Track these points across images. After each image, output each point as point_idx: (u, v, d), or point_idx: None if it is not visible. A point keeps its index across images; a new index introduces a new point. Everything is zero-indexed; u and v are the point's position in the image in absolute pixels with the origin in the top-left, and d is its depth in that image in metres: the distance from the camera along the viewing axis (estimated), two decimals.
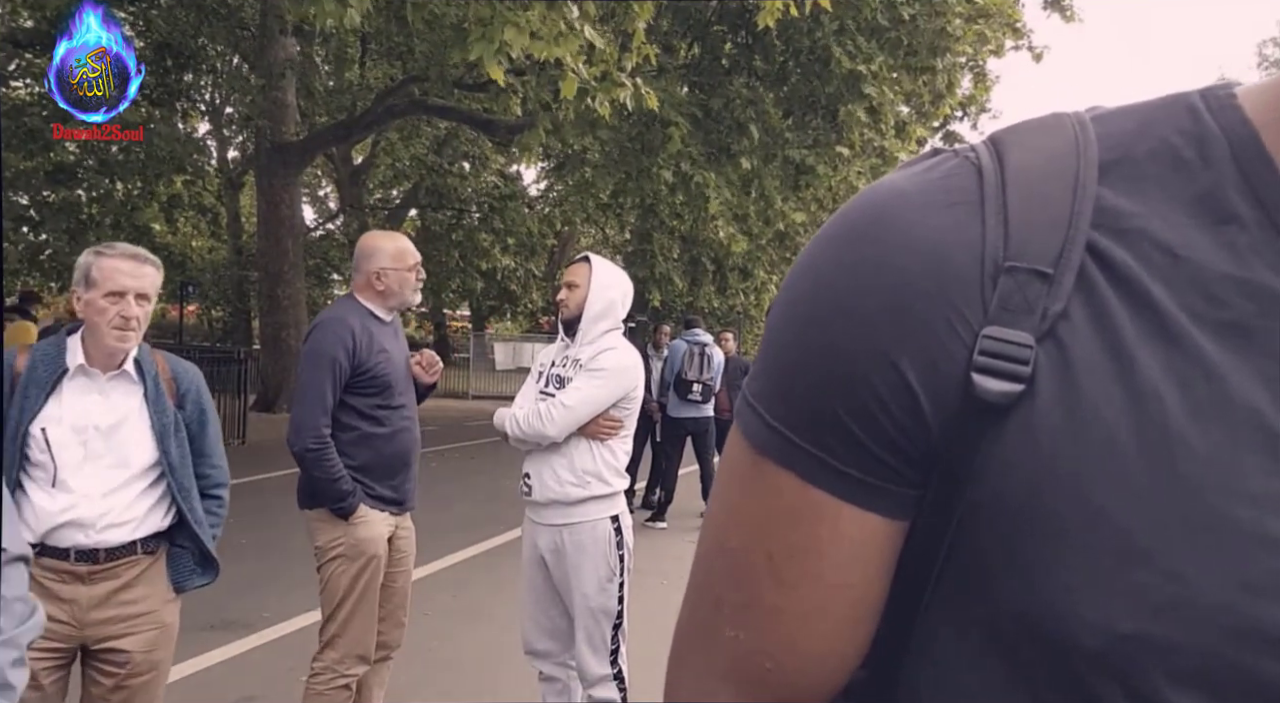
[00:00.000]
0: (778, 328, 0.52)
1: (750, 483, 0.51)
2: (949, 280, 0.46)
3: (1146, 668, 0.42)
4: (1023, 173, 0.48)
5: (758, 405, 0.51)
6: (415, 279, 2.93)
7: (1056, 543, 0.43)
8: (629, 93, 7.99)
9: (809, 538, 0.49)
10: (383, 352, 2.83)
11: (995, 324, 0.45)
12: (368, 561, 2.78)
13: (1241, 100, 0.48)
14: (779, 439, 0.49)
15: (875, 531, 0.49)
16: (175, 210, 17.74)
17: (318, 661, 2.80)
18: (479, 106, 14.34)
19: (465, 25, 7.00)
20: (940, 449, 0.46)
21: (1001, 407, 0.44)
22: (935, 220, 0.47)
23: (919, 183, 0.50)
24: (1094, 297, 0.45)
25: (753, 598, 0.51)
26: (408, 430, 2.91)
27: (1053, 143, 0.49)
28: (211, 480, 2.38)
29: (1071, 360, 0.44)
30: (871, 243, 0.48)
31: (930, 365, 0.46)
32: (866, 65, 11.09)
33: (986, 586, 0.46)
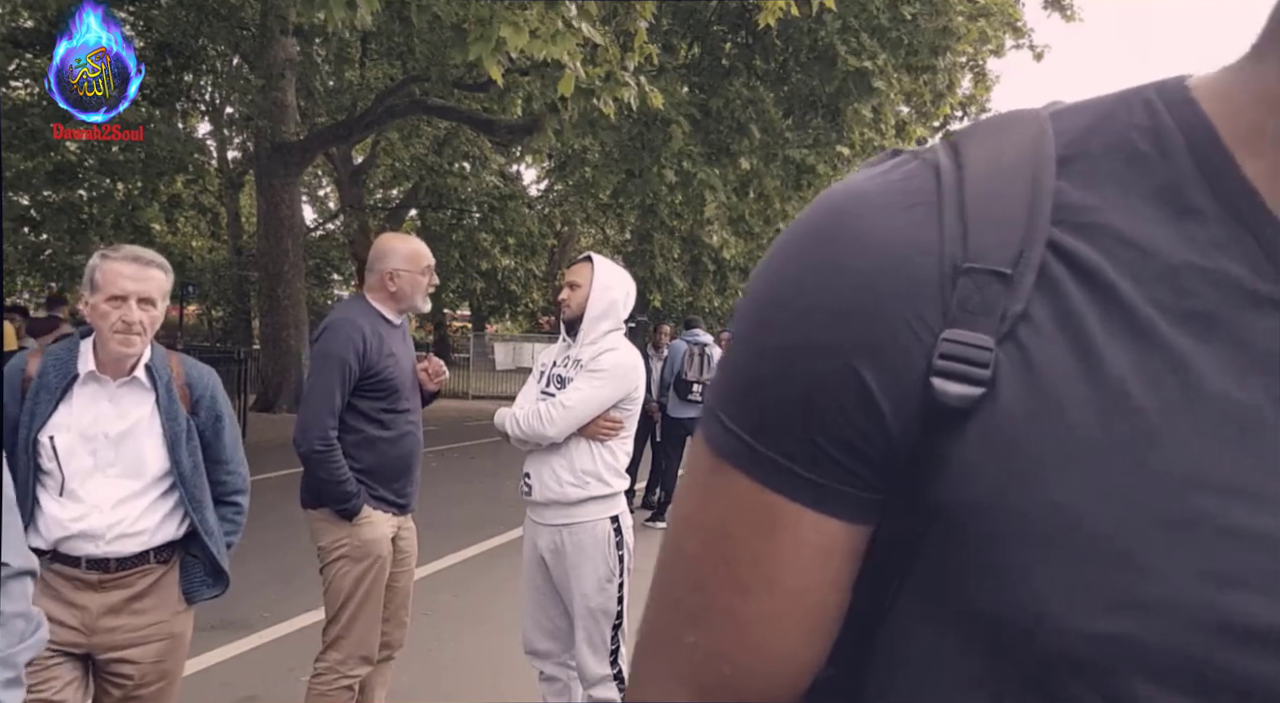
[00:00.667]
0: (739, 332, 0.51)
1: (709, 488, 0.51)
2: (908, 283, 0.45)
3: (1122, 667, 0.42)
4: (980, 172, 0.47)
5: (718, 410, 0.51)
6: (427, 284, 2.93)
7: (1026, 544, 0.43)
8: (633, 92, 7.99)
9: (768, 543, 0.49)
10: (391, 355, 2.83)
11: (955, 327, 0.45)
12: (372, 561, 2.78)
13: (1195, 93, 0.48)
14: (738, 444, 0.49)
15: (835, 535, 0.48)
16: (175, 210, 17.73)
17: (321, 661, 2.79)
18: (479, 106, 14.35)
19: (465, 25, 6.99)
20: (901, 453, 0.46)
21: (962, 410, 0.44)
22: (893, 222, 0.47)
23: (878, 184, 0.49)
24: (1057, 294, 0.44)
25: (711, 603, 0.51)
26: (412, 435, 2.91)
27: (1010, 141, 0.49)
28: (229, 487, 2.32)
29: (1034, 361, 0.44)
30: (830, 245, 0.48)
31: (890, 369, 0.45)
32: (872, 61, 11.08)
33: (959, 587, 0.46)
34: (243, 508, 2.37)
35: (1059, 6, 14.08)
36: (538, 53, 6.54)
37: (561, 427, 2.70)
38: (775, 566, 0.49)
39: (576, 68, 6.98)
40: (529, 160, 17.36)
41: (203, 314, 27.16)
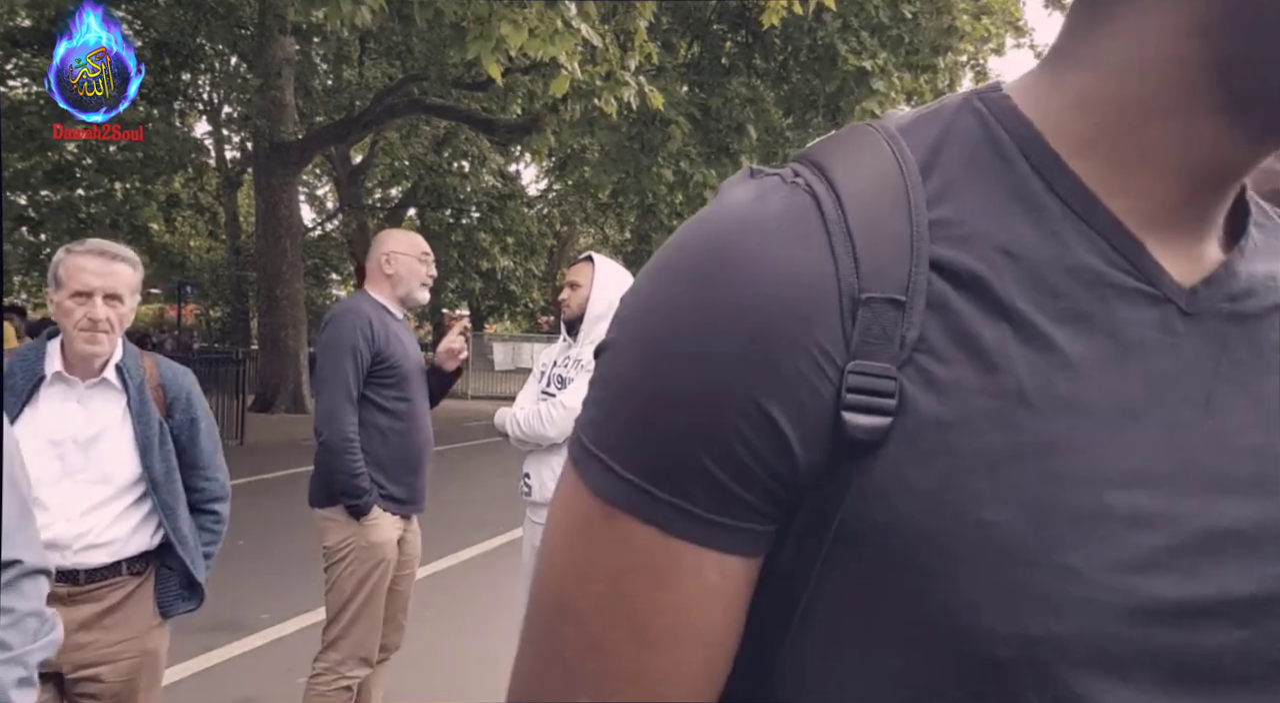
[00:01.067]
0: (623, 371, 0.48)
1: (601, 538, 0.48)
2: (809, 317, 0.45)
3: (1056, 664, 0.43)
4: (858, 198, 0.47)
5: (604, 456, 0.47)
6: (425, 272, 2.94)
7: (948, 558, 0.43)
8: (633, 92, 7.99)
9: (671, 592, 0.47)
10: (400, 343, 2.84)
11: (858, 358, 0.44)
12: (377, 564, 2.77)
13: (1015, 100, 0.49)
14: (633, 491, 0.46)
15: (735, 572, 0.47)
16: (174, 210, 17.73)
17: (320, 661, 2.79)
18: (478, 106, 14.35)
19: (464, 24, 6.99)
20: (808, 485, 0.45)
21: (873, 441, 0.44)
22: (786, 254, 0.45)
23: (759, 213, 0.47)
24: (948, 312, 0.45)
25: (610, 662, 0.48)
26: (423, 428, 2.91)
27: (875, 162, 0.48)
28: (206, 494, 2.20)
29: (934, 381, 0.44)
30: (723, 281, 0.46)
31: (796, 405, 0.44)
32: (873, 61, 11.09)
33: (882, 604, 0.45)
34: (222, 517, 2.26)
35: (1060, 5, 14.09)
36: (536, 52, 6.54)
37: (562, 427, 2.70)
38: (679, 614, 0.47)
39: (573, 68, 6.98)
40: (528, 160, 17.37)
41: (201, 314, 27.16)
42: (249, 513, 7.43)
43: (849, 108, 11.55)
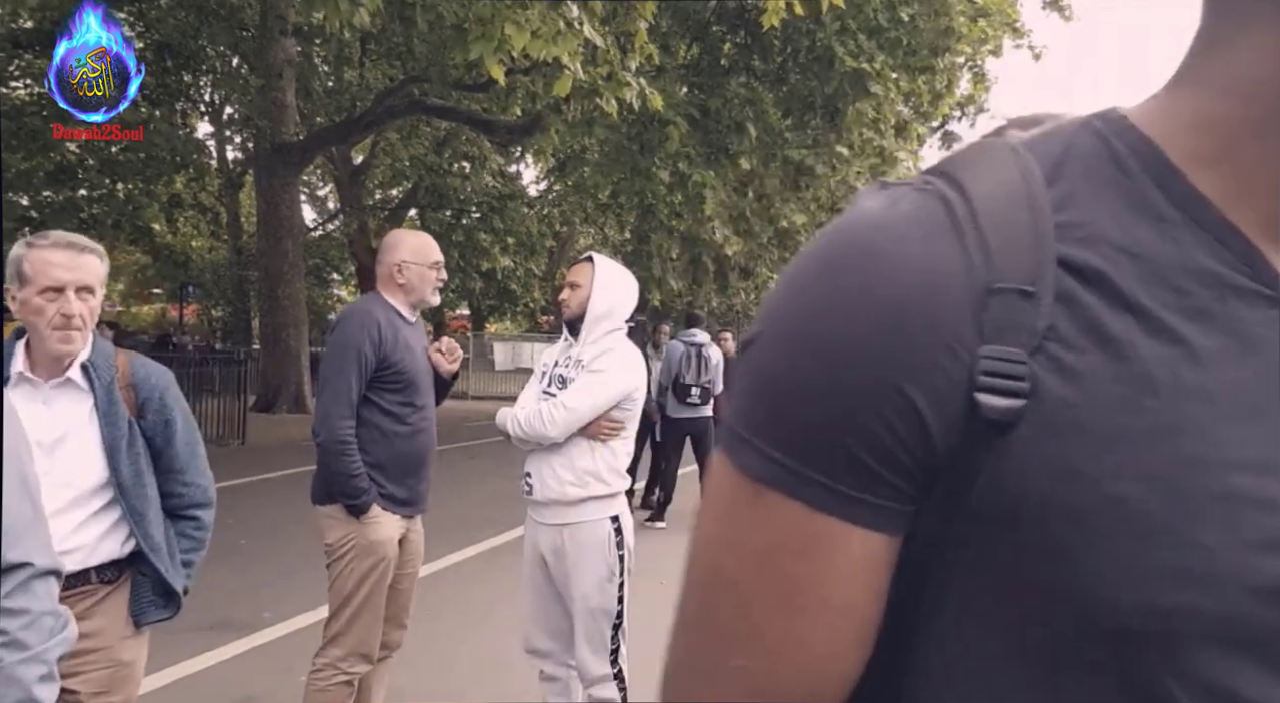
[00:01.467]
0: (771, 362, 0.53)
1: (753, 515, 0.52)
2: (943, 307, 0.49)
3: (1185, 636, 0.46)
4: (986, 200, 0.51)
5: (753, 438, 0.52)
6: (436, 278, 2.94)
7: (1083, 533, 0.47)
8: (634, 93, 8.00)
9: (819, 565, 0.51)
10: (408, 349, 2.84)
11: (991, 344, 0.48)
12: (377, 561, 2.78)
13: (1133, 121, 0.54)
14: (783, 470, 0.51)
15: (879, 549, 0.51)
16: (176, 211, 17.74)
17: (320, 657, 2.80)
18: (478, 107, 14.35)
19: (466, 25, 7.00)
20: (946, 465, 0.49)
21: (1006, 421, 0.47)
22: (920, 250, 0.50)
23: (891, 217, 0.52)
24: (1075, 305, 0.49)
25: (762, 627, 0.53)
26: (426, 432, 2.91)
27: (1001, 171, 0.53)
28: (185, 500, 2.09)
29: (1066, 367, 0.48)
30: (862, 276, 0.50)
31: (935, 390, 0.48)
32: (870, 64, 11.09)
33: (1019, 580, 0.49)
34: (203, 523, 2.14)
35: (1057, 7, 14.10)
36: (539, 53, 6.54)
37: (563, 427, 2.71)
38: (826, 585, 0.51)
39: (576, 68, 6.98)
40: (529, 161, 17.37)
41: (202, 314, 27.17)
42: (250, 513, 7.44)
43: (846, 109, 11.56)
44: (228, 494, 8.88)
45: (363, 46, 15.65)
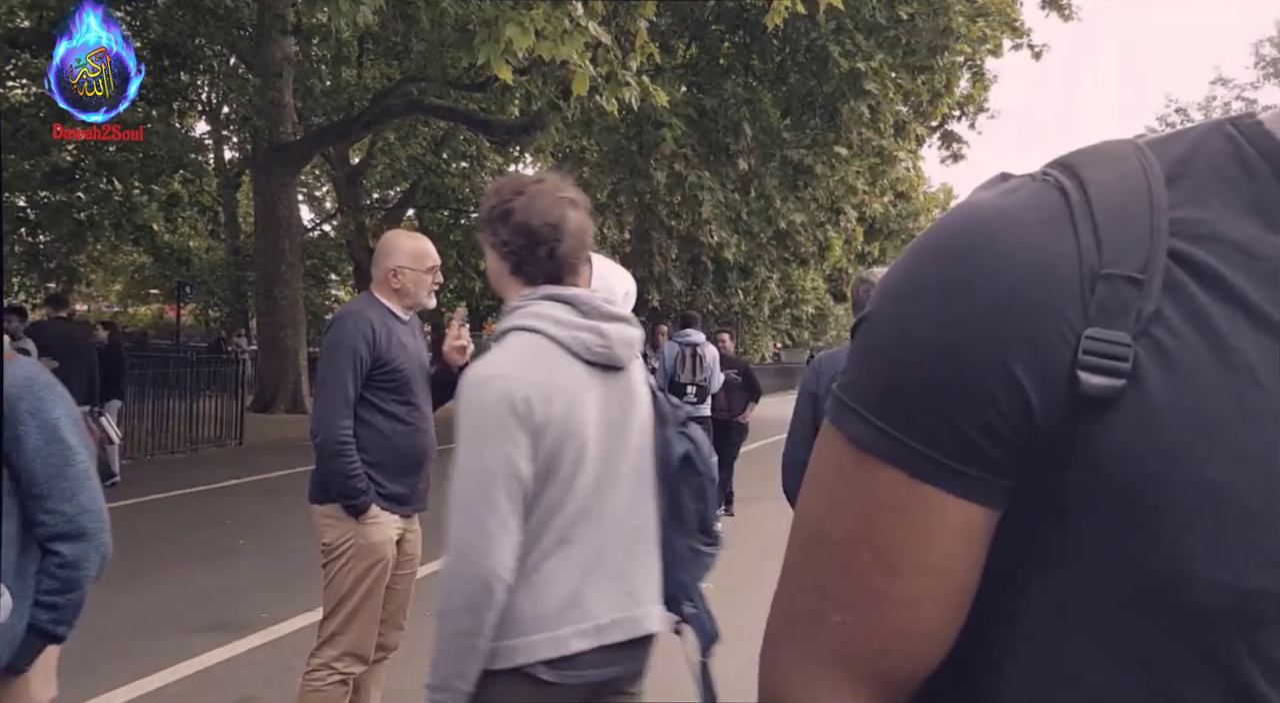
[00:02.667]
0: (882, 336, 0.56)
1: (855, 480, 0.56)
2: (1053, 289, 0.51)
3: (1268, 618, 0.48)
4: (1103, 192, 0.54)
5: (859, 407, 0.56)
6: (431, 282, 2.94)
7: (1177, 513, 0.49)
8: (635, 92, 7.99)
9: (916, 530, 0.54)
10: (401, 346, 2.84)
11: (1095, 326, 0.51)
12: (375, 562, 2.78)
13: (1269, 126, 0.55)
14: (887, 439, 0.54)
15: (977, 520, 0.54)
16: (174, 210, 17.72)
17: (315, 657, 2.79)
18: (476, 106, 14.34)
19: (470, 26, 6.99)
20: (1045, 441, 0.52)
21: (1106, 400, 0.50)
22: (1034, 235, 0.53)
23: (1009, 203, 0.55)
24: (1182, 295, 0.51)
25: (860, 586, 0.56)
26: (424, 430, 2.91)
27: (1122, 166, 0.55)
28: (45, 531, 1.75)
29: (1168, 352, 0.50)
30: (978, 257, 0.53)
31: (1040, 367, 0.51)
32: (866, 63, 11.09)
33: (1102, 557, 0.51)
34: (67, 560, 1.77)
35: (1056, 6, 14.09)
36: (546, 53, 6.54)
37: None
38: (923, 550, 0.54)
39: (587, 65, 6.98)
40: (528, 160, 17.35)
41: (200, 314, 27.13)
42: (248, 513, 7.44)
43: (843, 109, 11.55)
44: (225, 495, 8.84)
45: (361, 46, 15.64)
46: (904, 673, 0.57)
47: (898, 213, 22.29)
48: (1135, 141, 0.57)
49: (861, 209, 16.79)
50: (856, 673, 0.57)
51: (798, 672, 0.58)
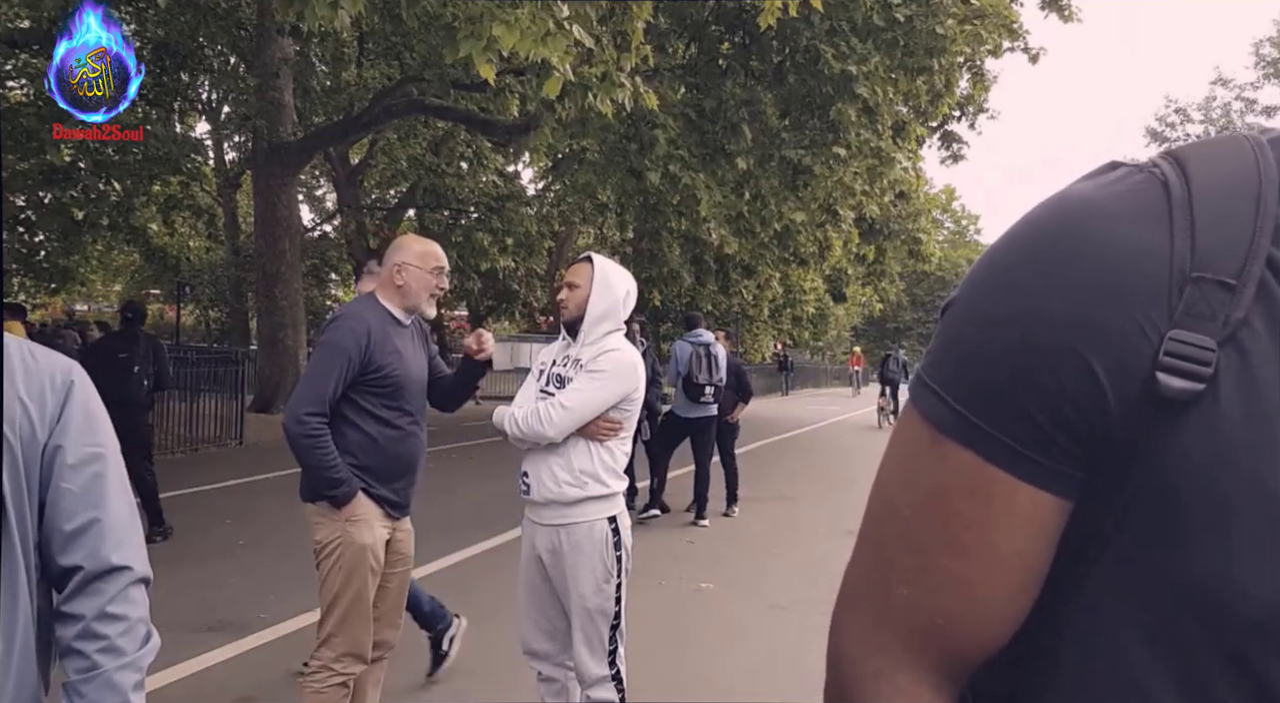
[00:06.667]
0: (965, 320, 0.57)
1: (928, 458, 0.57)
2: (1139, 286, 0.51)
3: None
4: (1208, 190, 0.52)
5: (939, 390, 0.56)
6: (435, 284, 2.94)
7: (1227, 523, 0.49)
8: (629, 93, 7.99)
9: (985, 511, 0.55)
10: (395, 353, 2.83)
11: (1180, 328, 0.50)
12: (363, 561, 2.78)
13: None
14: (962, 421, 0.55)
15: (1046, 507, 0.54)
16: (172, 211, 17.71)
17: (314, 658, 2.80)
18: (476, 106, 14.34)
19: (456, 24, 6.99)
20: (1116, 438, 0.52)
21: (1182, 402, 0.49)
22: (1126, 231, 0.52)
23: (1107, 194, 0.54)
24: (1274, 306, 0.50)
25: (927, 561, 0.57)
26: (416, 437, 2.91)
27: (1234, 163, 0.54)
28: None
29: (1251, 363, 0.49)
30: (1065, 249, 0.53)
31: (1118, 363, 0.51)
32: (859, 66, 11.08)
33: (1155, 560, 0.51)
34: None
35: (1056, 7, 14.07)
36: (527, 52, 6.53)
37: (560, 427, 2.70)
38: (991, 531, 0.55)
39: (565, 69, 6.97)
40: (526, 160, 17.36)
41: (200, 315, 27.12)
42: (247, 513, 7.43)
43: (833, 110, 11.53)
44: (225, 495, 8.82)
45: (360, 46, 15.63)
46: (963, 651, 0.58)
47: (898, 213, 22.26)
48: (1257, 137, 0.55)
49: (860, 209, 16.78)
50: (917, 645, 0.58)
51: (861, 638, 0.60)
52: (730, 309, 25.73)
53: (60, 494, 1.17)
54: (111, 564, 1.18)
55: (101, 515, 1.18)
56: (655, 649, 4.27)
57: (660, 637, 4.49)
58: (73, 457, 1.17)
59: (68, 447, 1.17)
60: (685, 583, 5.67)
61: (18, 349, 1.19)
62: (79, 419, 1.19)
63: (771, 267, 21.32)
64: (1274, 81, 30.13)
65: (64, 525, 1.17)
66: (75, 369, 1.23)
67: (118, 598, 1.18)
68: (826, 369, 45.21)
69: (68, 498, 1.17)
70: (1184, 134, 32.10)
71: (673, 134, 11.24)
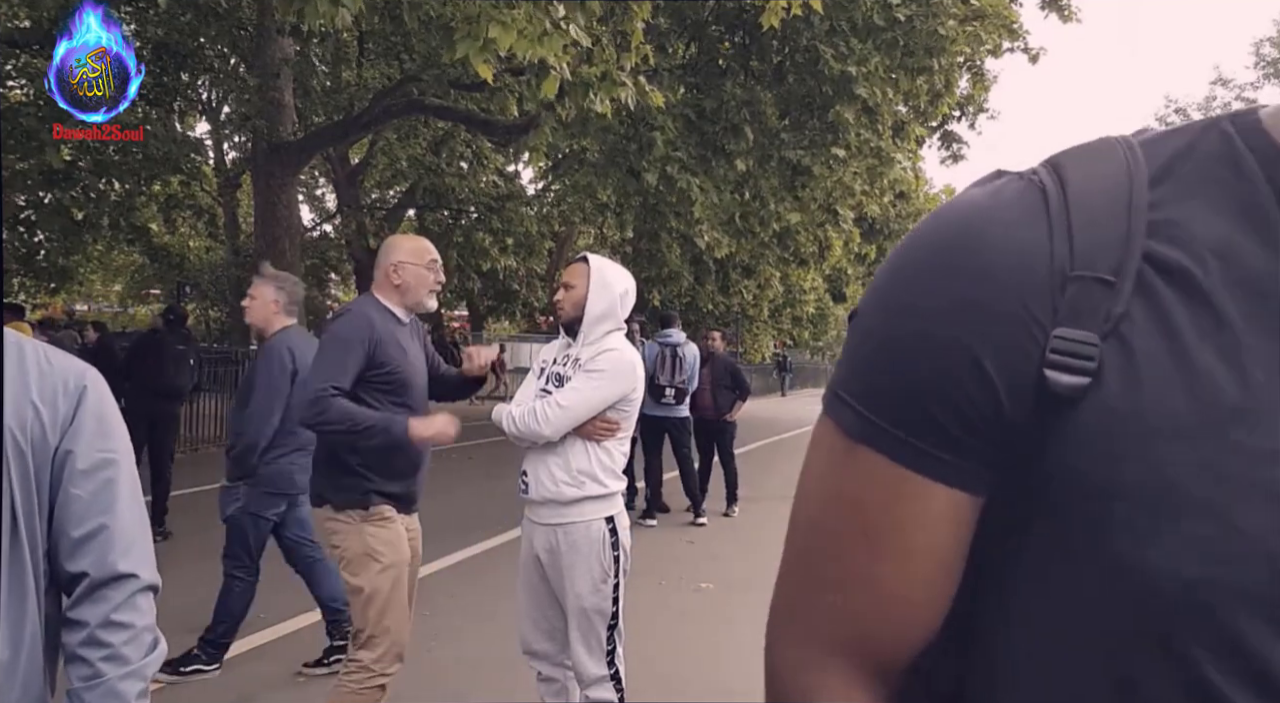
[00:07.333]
0: (867, 327, 0.59)
1: (845, 467, 0.58)
2: (1022, 287, 0.53)
3: (1218, 606, 0.49)
4: (1082, 194, 0.55)
5: (849, 398, 0.58)
6: (433, 279, 2.93)
7: (1133, 506, 0.50)
8: (629, 92, 7.99)
9: (902, 513, 0.57)
10: (400, 349, 2.83)
11: (1064, 326, 0.52)
12: (394, 560, 2.76)
13: (1266, 125, 0.55)
14: (870, 427, 0.57)
15: (958, 505, 0.56)
16: (173, 211, 17.70)
17: (353, 660, 2.75)
18: (476, 106, 14.34)
19: (453, 24, 6.98)
20: (1015, 432, 0.53)
21: (1071, 398, 0.51)
22: (1010, 234, 0.54)
23: (994, 201, 0.57)
24: (1153, 297, 0.52)
25: (848, 567, 0.59)
26: None
27: (1106, 167, 0.56)
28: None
29: (1134, 353, 0.51)
30: (953, 252, 0.55)
31: (1006, 360, 0.53)
32: (859, 67, 11.08)
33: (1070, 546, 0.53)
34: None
35: (1056, 7, 14.07)
36: (524, 53, 6.52)
37: (557, 426, 2.70)
38: (908, 534, 0.57)
39: (562, 69, 6.96)
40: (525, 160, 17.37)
41: (200, 315, 27.12)
42: None
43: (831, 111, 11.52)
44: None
45: (360, 46, 15.63)
46: (893, 652, 0.59)
47: (897, 213, 22.28)
48: (1128, 139, 0.57)
49: (860, 210, 16.78)
50: (848, 651, 0.59)
51: (795, 651, 0.61)
52: (730, 309, 25.73)
53: (69, 499, 1.17)
54: (118, 571, 1.18)
55: (110, 522, 1.18)
56: (655, 649, 4.27)
57: (660, 637, 4.49)
58: (83, 462, 1.17)
59: (79, 452, 1.17)
60: (685, 583, 5.68)
61: (33, 353, 1.19)
62: (91, 424, 1.19)
63: (772, 267, 21.33)
64: (1274, 81, 30.14)
65: (72, 531, 1.17)
66: (90, 374, 1.23)
67: (123, 606, 1.18)
68: (826, 369, 45.21)
69: (77, 503, 1.17)
70: None
71: (671, 135, 11.23)
